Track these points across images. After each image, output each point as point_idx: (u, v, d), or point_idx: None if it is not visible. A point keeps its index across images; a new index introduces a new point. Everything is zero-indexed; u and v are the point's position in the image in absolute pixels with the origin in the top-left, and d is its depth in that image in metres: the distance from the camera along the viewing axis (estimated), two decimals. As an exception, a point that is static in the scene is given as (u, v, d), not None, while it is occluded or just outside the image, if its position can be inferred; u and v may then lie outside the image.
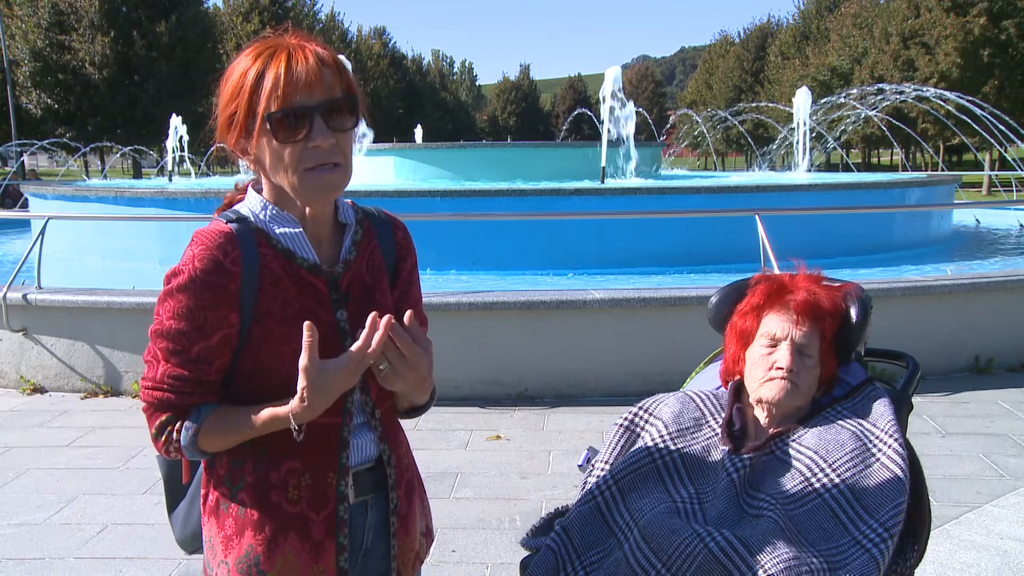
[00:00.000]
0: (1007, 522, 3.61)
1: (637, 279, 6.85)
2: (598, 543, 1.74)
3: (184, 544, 1.66)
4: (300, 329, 1.33)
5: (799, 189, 9.18)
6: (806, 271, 1.98)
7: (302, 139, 1.29)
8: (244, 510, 1.40)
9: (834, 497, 1.67)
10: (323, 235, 1.44)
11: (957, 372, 5.92)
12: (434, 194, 8.29)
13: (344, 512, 1.43)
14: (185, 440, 1.35)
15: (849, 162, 29.53)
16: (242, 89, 1.32)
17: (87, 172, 42.92)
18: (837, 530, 1.63)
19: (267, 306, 1.36)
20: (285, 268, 1.38)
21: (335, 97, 1.32)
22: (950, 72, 30.00)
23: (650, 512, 1.71)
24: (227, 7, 42.19)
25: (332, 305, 1.42)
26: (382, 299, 1.49)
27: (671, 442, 1.85)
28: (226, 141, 1.38)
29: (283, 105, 1.28)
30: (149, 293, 5.76)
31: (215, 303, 1.32)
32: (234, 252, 1.34)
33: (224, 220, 1.39)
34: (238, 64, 1.34)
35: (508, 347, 5.54)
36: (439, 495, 3.92)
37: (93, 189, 10.39)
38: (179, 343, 1.33)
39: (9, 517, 3.79)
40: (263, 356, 1.37)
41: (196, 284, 1.32)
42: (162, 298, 1.35)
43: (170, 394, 1.34)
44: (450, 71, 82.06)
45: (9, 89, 28.68)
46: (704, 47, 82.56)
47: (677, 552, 1.62)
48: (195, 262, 1.33)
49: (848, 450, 1.73)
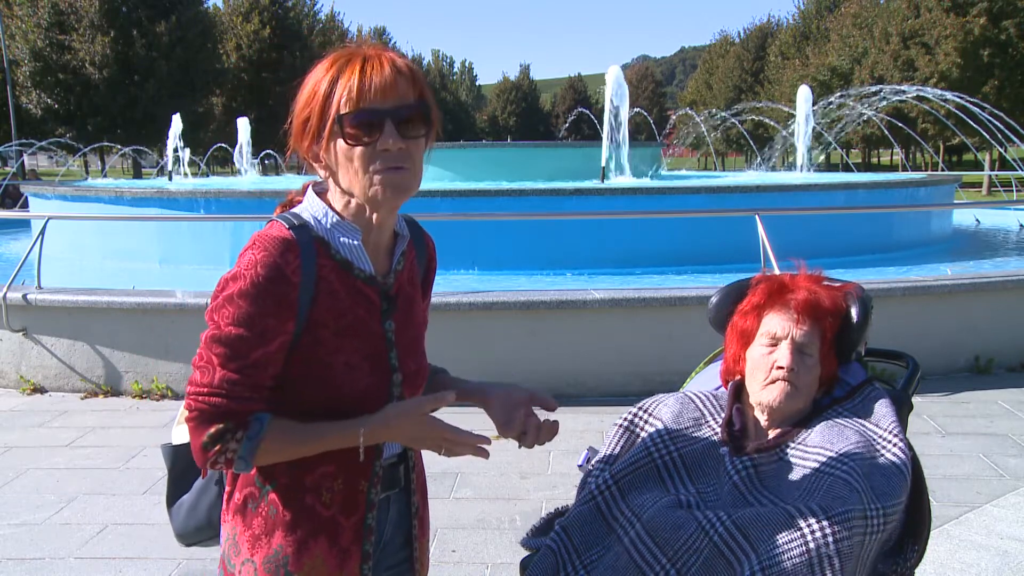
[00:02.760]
0: (1007, 522, 3.61)
1: (637, 279, 6.85)
2: (598, 541, 1.74)
3: (184, 536, 1.63)
4: (351, 340, 1.36)
5: (799, 189, 9.18)
6: (807, 271, 1.98)
7: (372, 142, 1.29)
8: (275, 510, 1.39)
9: (847, 473, 1.66)
10: (383, 245, 1.44)
11: (957, 372, 5.92)
12: (434, 194, 8.29)
13: (372, 520, 1.43)
14: (246, 451, 1.30)
15: (849, 162, 29.56)
16: (316, 94, 1.32)
17: (87, 172, 42.95)
18: (853, 495, 1.63)
19: (320, 316, 1.35)
20: (342, 279, 1.38)
21: (407, 103, 1.31)
22: (950, 72, 30.01)
23: (652, 506, 1.71)
24: (227, 7, 42.15)
25: (381, 316, 1.42)
26: (420, 310, 1.52)
27: (671, 442, 1.85)
28: (299, 147, 1.37)
29: (355, 108, 1.28)
30: (149, 293, 5.76)
31: (276, 311, 1.30)
32: (295, 261, 1.31)
33: (285, 224, 1.35)
34: (315, 71, 1.34)
35: (508, 347, 5.53)
36: (439, 495, 3.92)
37: (93, 189, 10.39)
38: (239, 349, 1.29)
39: (9, 517, 3.79)
40: (313, 365, 1.35)
41: (258, 290, 1.29)
42: (220, 304, 1.30)
43: (229, 400, 1.29)
44: (450, 71, 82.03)
45: (9, 89, 28.67)
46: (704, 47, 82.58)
47: (683, 547, 1.62)
48: (258, 268, 1.29)
49: (852, 442, 1.73)
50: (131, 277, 6.59)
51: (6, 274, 6.13)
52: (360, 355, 1.38)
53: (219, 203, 8.51)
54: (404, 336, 1.45)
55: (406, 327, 1.46)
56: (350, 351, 1.36)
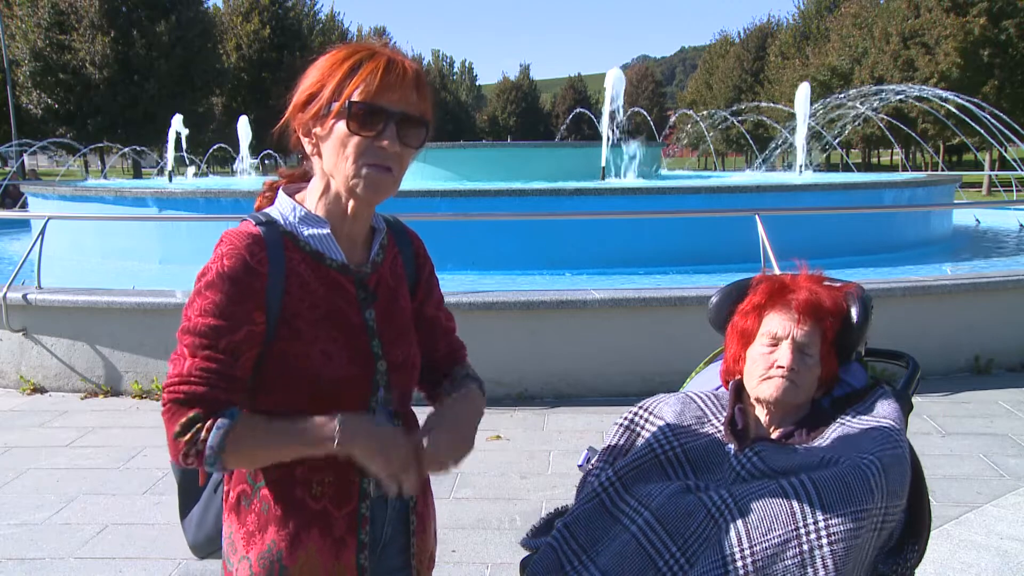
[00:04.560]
0: (1007, 522, 3.61)
1: (637, 279, 6.86)
2: (603, 536, 1.73)
3: (197, 548, 1.64)
4: (329, 331, 1.37)
5: (799, 189, 9.17)
6: (808, 271, 1.98)
7: (372, 136, 1.32)
8: (267, 506, 1.41)
9: (867, 466, 1.64)
10: (359, 236, 1.47)
11: (957, 372, 5.92)
12: (434, 194, 8.29)
13: (366, 509, 1.44)
14: (215, 440, 1.28)
15: (849, 162, 29.56)
16: (334, 72, 1.34)
17: (87, 172, 42.93)
18: (862, 488, 1.61)
19: (295, 308, 1.38)
20: (314, 269, 1.40)
21: (415, 115, 1.36)
22: (950, 72, 30.02)
23: (660, 495, 1.70)
24: (227, 7, 42.18)
25: (360, 304, 1.44)
26: (403, 304, 1.53)
27: (674, 438, 1.84)
28: (294, 119, 1.39)
29: (369, 99, 1.31)
30: (149, 293, 5.76)
31: (241, 298, 1.33)
32: (261, 254, 1.35)
33: (254, 222, 1.40)
34: (331, 54, 1.37)
35: (508, 347, 5.53)
36: (439, 495, 3.91)
37: (93, 189, 10.39)
38: (207, 337, 1.32)
39: (9, 517, 3.79)
40: (292, 357, 1.37)
41: (222, 280, 1.33)
42: (191, 299, 1.35)
43: (199, 387, 1.30)
44: (450, 71, 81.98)
45: (9, 89, 28.68)
46: (704, 47, 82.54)
47: (692, 535, 1.63)
48: (223, 260, 1.34)
49: (871, 437, 1.72)
50: (131, 277, 6.59)
51: (6, 274, 6.13)
52: (338, 343, 1.39)
53: (219, 203, 8.52)
54: (388, 325, 1.47)
55: (390, 317, 1.48)
56: (327, 340, 1.38)
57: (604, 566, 1.67)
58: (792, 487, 1.62)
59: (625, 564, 1.66)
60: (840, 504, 1.58)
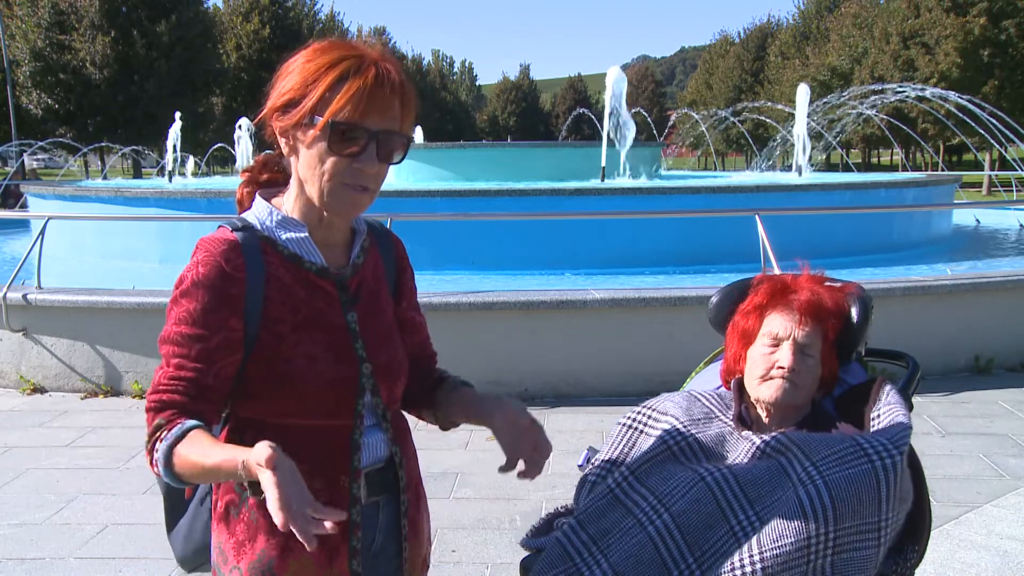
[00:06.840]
0: (1007, 522, 3.61)
1: (637, 279, 6.85)
2: (615, 527, 1.71)
3: (185, 562, 1.63)
4: (312, 334, 1.36)
5: (799, 189, 9.17)
6: (809, 272, 1.98)
7: (351, 156, 1.30)
8: (256, 514, 1.39)
9: (884, 471, 1.62)
10: (338, 239, 1.45)
11: (957, 372, 5.92)
12: (434, 194, 8.29)
13: (357, 515, 1.42)
14: (163, 451, 1.25)
15: (849, 162, 29.54)
16: (319, 80, 1.28)
17: (87, 172, 42.92)
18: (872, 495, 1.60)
19: (276, 313, 1.36)
20: (294, 273, 1.39)
21: (396, 131, 1.33)
22: (950, 72, 30.01)
23: (683, 498, 1.67)
24: (227, 7, 42.15)
25: (342, 307, 1.43)
26: (385, 306, 1.51)
27: (684, 430, 1.82)
28: (272, 120, 1.36)
29: (350, 120, 1.27)
30: (149, 293, 5.76)
31: (215, 305, 1.32)
32: (237, 260, 1.34)
33: (230, 227, 1.39)
34: (316, 56, 1.31)
35: (508, 347, 5.53)
36: (439, 495, 3.92)
37: (93, 189, 10.40)
38: (181, 346, 1.32)
39: (9, 517, 3.79)
40: (275, 363, 1.36)
41: (197, 287, 1.32)
42: (168, 307, 1.35)
43: (167, 394, 1.30)
44: (450, 71, 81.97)
45: (9, 89, 28.66)
46: (704, 47, 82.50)
47: (711, 548, 1.61)
48: (199, 268, 1.33)
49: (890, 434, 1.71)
50: (131, 277, 6.58)
51: (6, 274, 6.13)
52: (321, 347, 1.38)
53: (219, 203, 8.52)
54: (371, 327, 1.45)
55: (373, 319, 1.46)
56: (310, 343, 1.36)
57: (617, 564, 1.65)
58: (809, 497, 1.59)
59: (641, 569, 1.63)
60: (850, 516, 1.57)
